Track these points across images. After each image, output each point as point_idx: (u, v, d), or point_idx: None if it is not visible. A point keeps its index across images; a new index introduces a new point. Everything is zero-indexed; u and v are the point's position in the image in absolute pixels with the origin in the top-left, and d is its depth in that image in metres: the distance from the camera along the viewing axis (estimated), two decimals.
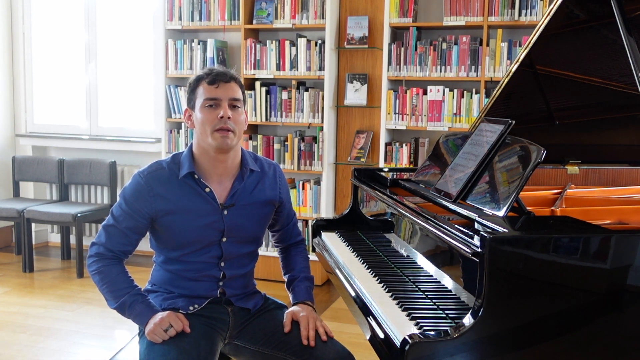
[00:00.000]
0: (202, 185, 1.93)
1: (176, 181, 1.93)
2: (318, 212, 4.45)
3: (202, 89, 1.90)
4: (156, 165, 1.96)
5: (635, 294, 1.47)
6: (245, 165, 1.99)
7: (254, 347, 1.95)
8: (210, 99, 1.88)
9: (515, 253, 1.42)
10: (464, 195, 1.86)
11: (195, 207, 1.92)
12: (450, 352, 1.38)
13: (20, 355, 3.23)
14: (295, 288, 2.07)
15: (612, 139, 2.59)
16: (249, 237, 2.03)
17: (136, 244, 1.96)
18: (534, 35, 2.28)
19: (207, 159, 1.94)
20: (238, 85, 1.94)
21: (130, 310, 1.88)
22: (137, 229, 1.93)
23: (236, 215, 1.96)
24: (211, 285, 1.99)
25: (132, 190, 1.93)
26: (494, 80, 4.01)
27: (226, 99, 1.89)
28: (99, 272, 1.91)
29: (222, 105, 1.88)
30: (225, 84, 1.89)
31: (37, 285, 4.44)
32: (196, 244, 1.94)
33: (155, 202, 1.90)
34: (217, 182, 1.96)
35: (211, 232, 1.95)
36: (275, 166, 2.10)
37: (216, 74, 1.90)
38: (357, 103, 4.44)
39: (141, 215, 1.91)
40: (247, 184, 1.99)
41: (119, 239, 1.93)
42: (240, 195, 1.97)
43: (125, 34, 5.16)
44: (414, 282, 1.86)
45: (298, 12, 4.33)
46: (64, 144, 5.27)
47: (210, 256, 1.96)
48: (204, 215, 1.93)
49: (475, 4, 4.00)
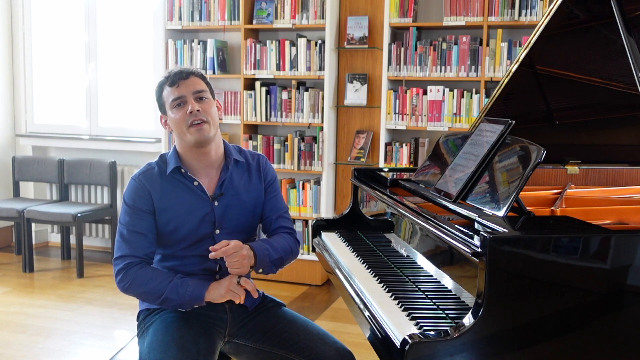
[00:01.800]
0: (190, 179, 1.98)
1: (166, 178, 1.98)
2: (318, 212, 4.45)
3: (166, 92, 1.97)
4: (146, 167, 2.03)
5: (635, 294, 1.47)
6: (229, 156, 2.04)
7: (254, 345, 1.97)
8: (175, 98, 1.94)
9: (515, 253, 1.42)
10: (464, 195, 1.86)
11: (187, 202, 1.97)
12: (450, 352, 1.39)
13: (20, 355, 3.23)
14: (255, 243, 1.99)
15: (612, 139, 2.59)
16: (241, 227, 2.05)
17: (155, 242, 1.98)
18: (534, 35, 2.28)
19: (191, 155, 1.99)
20: (199, 77, 1.98)
21: (183, 288, 1.87)
22: (148, 227, 1.95)
23: (226, 206, 2.00)
24: (208, 278, 2.00)
25: (130, 192, 1.98)
26: (494, 80, 4.01)
27: (190, 94, 1.94)
28: (133, 280, 1.90)
29: (189, 101, 1.93)
30: (185, 81, 1.95)
31: (37, 285, 4.44)
32: (190, 238, 1.97)
33: (151, 199, 1.96)
34: (205, 175, 2.01)
35: (204, 225, 1.98)
36: (260, 156, 2.14)
37: (174, 74, 1.96)
38: (357, 103, 4.44)
39: (146, 212, 1.95)
40: (234, 174, 2.04)
41: (137, 242, 1.93)
42: (228, 185, 2.02)
43: (125, 34, 5.16)
44: (414, 282, 1.86)
45: (298, 12, 4.33)
46: (64, 144, 5.27)
47: (205, 249, 1.96)
48: (196, 209, 1.97)
49: (475, 4, 4.00)
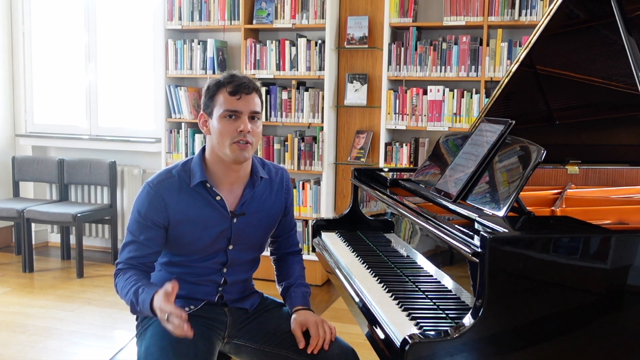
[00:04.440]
0: (213, 193, 1.89)
1: (187, 190, 1.89)
2: (318, 212, 4.45)
3: (222, 98, 1.83)
4: (166, 174, 1.91)
5: (635, 294, 1.47)
6: (255, 174, 1.95)
7: (255, 346, 1.95)
8: (232, 110, 1.81)
9: (516, 253, 1.42)
10: (464, 195, 1.86)
11: (206, 217, 1.90)
12: (450, 352, 1.38)
13: (20, 355, 3.23)
14: (292, 294, 2.01)
15: (612, 139, 2.59)
16: (255, 244, 2.01)
17: (157, 255, 1.92)
18: (534, 35, 2.28)
19: (220, 167, 1.90)
20: (259, 96, 1.87)
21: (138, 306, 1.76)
22: (156, 239, 1.88)
23: (244, 224, 1.94)
24: (211, 289, 1.98)
25: (144, 200, 1.88)
26: (494, 80, 4.01)
27: (247, 112, 1.83)
28: (117, 284, 1.86)
29: (242, 119, 1.82)
30: (247, 96, 1.82)
31: (37, 285, 4.43)
32: (203, 251, 1.93)
33: (167, 212, 1.87)
34: (228, 190, 1.93)
35: (219, 240, 1.93)
36: (283, 171, 2.07)
37: (239, 84, 1.82)
38: (357, 103, 4.44)
39: (156, 225, 1.87)
40: (257, 192, 1.97)
41: (139, 251, 1.87)
42: (249, 204, 1.95)
43: (125, 34, 5.16)
44: (414, 282, 1.86)
45: (298, 12, 4.33)
46: (64, 144, 5.27)
47: (215, 262, 1.95)
48: (214, 225, 1.90)
49: (475, 4, 4.00)
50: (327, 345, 1.83)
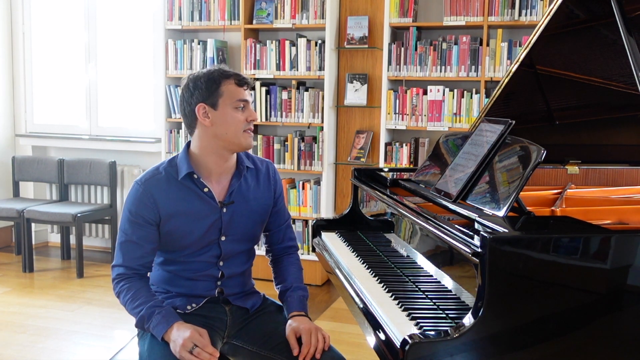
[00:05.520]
0: (200, 185, 1.92)
1: (175, 184, 1.92)
2: (318, 212, 4.45)
3: (230, 88, 1.89)
4: (153, 172, 1.94)
5: (635, 294, 1.47)
6: (241, 164, 2.00)
7: (252, 348, 1.96)
8: (242, 100, 1.90)
9: (516, 253, 1.42)
10: (464, 195, 1.86)
11: (196, 209, 1.92)
12: (450, 352, 1.38)
13: (20, 355, 3.23)
14: (289, 298, 2.01)
15: (612, 139, 2.59)
16: (247, 234, 2.03)
17: (153, 253, 1.93)
18: (534, 35, 2.28)
19: (213, 158, 1.93)
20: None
21: (149, 323, 1.82)
22: (148, 237, 1.90)
23: (234, 213, 1.97)
24: (210, 284, 1.99)
25: (133, 198, 1.91)
26: (494, 80, 4.01)
27: (251, 101, 1.95)
28: (120, 292, 1.89)
29: (249, 108, 1.92)
30: (249, 90, 1.95)
31: (37, 285, 4.44)
32: (196, 244, 1.94)
33: (157, 208, 1.89)
34: (216, 181, 1.96)
35: (210, 231, 1.95)
36: (269, 163, 2.11)
37: (241, 76, 1.93)
38: (357, 103, 4.44)
39: (148, 222, 1.89)
40: (244, 182, 2.00)
41: (134, 252, 1.89)
42: (237, 193, 1.98)
43: (125, 34, 5.16)
44: (414, 282, 1.86)
45: (298, 12, 4.33)
46: (64, 144, 5.27)
47: (210, 255, 1.96)
48: (204, 216, 1.93)
49: (475, 4, 4.00)
50: (318, 354, 1.83)
